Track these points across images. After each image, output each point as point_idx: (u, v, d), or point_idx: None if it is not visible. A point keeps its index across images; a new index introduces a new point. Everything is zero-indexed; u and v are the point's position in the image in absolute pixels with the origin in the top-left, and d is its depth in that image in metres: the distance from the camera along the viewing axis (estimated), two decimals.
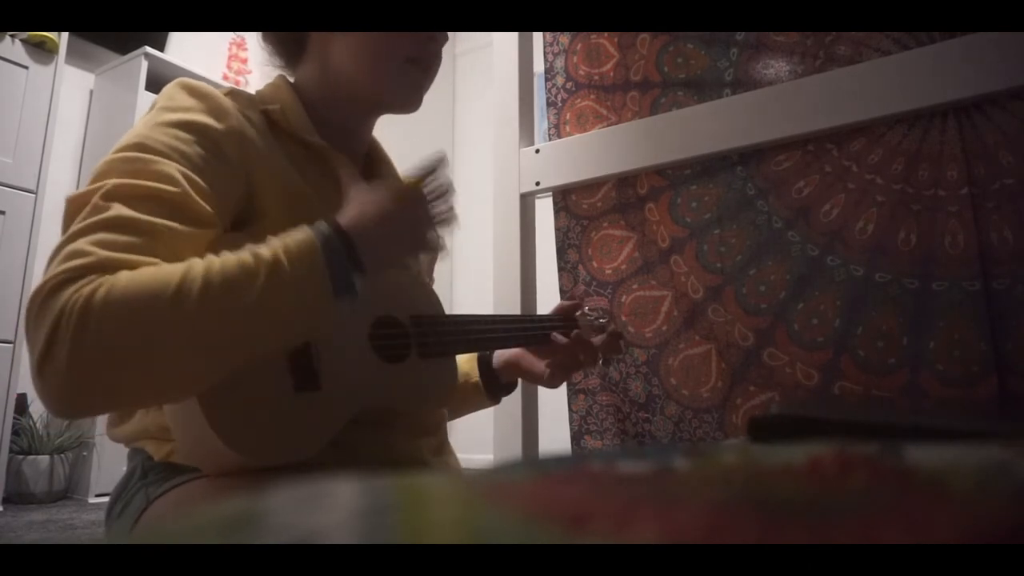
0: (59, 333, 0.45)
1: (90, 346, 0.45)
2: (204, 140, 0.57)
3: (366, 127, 0.77)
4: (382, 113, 0.76)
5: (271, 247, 0.51)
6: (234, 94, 0.65)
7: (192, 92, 0.60)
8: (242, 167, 0.59)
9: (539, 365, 0.87)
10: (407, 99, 0.72)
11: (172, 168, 0.53)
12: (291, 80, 0.72)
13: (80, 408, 0.49)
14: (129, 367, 0.46)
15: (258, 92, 0.69)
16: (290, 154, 0.65)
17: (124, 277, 0.46)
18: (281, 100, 0.67)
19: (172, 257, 0.51)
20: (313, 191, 0.64)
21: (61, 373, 0.45)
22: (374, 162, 0.80)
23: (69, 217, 0.51)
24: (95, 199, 0.50)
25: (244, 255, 0.50)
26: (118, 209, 0.50)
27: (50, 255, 0.49)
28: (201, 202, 0.54)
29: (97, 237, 0.48)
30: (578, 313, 0.93)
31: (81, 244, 0.48)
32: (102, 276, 0.47)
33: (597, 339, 0.89)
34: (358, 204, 0.58)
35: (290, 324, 0.52)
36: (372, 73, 0.69)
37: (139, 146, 0.54)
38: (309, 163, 0.67)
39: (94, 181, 0.52)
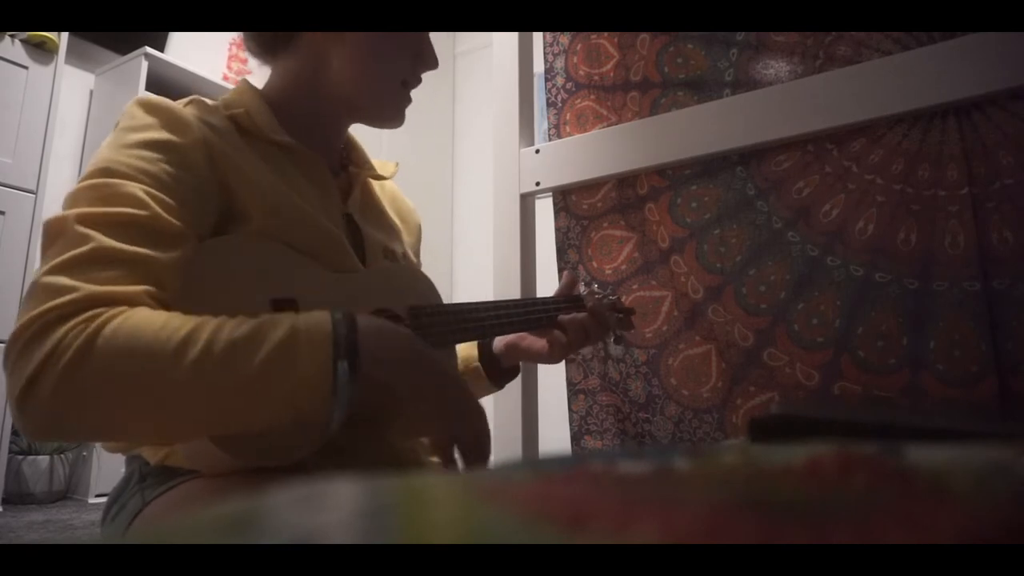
0: (47, 367, 0.45)
1: (79, 384, 0.45)
2: (168, 155, 0.57)
3: (343, 125, 0.78)
4: (363, 123, 0.78)
5: (290, 324, 0.49)
6: (195, 103, 0.65)
7: (149, 109, 0.60)
8: (213, 175, 0.59)
9: (540, 342, 0.87)
10: (395, 118, 0.76)
11: (138, 189, 0.53)
12: (254, 84, 0.74)
13: (56, 438, 0.50)
14: (112, 411, 0.46)
15: (222, 99, 0.70)
16: (263, 154, 0.65)
17: (130, 322, 0.46)
18: (245, 104, 0.68)
19: (152, 281, 0.51)
20: (290, 187, 0.65)
21: (43, 407, 0.45)
22: (348, 153, 0.81)
23: (47, 243, 0.51)
24: (69, 229, 0.51)
25: (253, 325, 0.48)
26: (95, 240, 0.50)
27: (31, 286, 0.48)
28: (171, 219, 0.54)
29: (79, 271, 0.48)
30: (584, 292, 0.94)
31: (64, 279, 0.48)
32: (104, 313, 0.47)
33: (609, 317, 0.90)
34: (397, 331, 0.54)
35: (279, 402, 0.48)
36: (369, 92, 0.72)
37: (105, 171, 0.54)
38: (283, 161, 0.68)
39: (67, 209, 0.53)
